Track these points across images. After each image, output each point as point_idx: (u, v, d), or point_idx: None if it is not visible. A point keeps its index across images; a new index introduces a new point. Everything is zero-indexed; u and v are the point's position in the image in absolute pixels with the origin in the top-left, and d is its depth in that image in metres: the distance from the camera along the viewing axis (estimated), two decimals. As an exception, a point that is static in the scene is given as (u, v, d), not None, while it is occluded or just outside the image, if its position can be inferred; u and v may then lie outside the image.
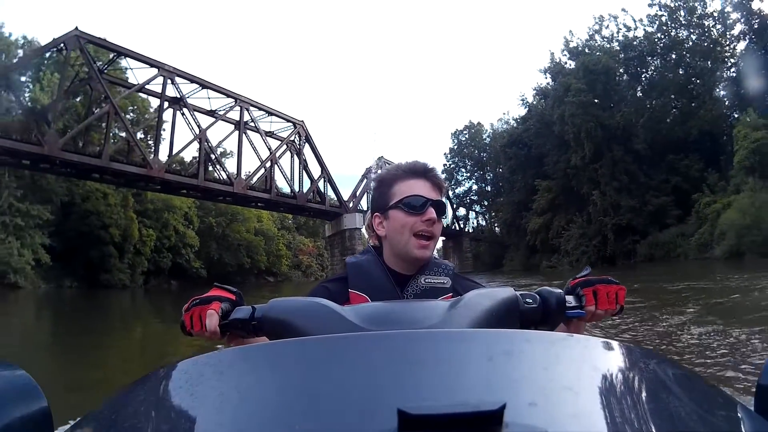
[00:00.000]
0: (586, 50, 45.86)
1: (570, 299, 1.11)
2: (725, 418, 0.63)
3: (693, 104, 41.09)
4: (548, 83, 50.73)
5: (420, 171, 1.31)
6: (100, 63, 36.21)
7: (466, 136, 75.28)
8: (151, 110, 44.04)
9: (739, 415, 0.62)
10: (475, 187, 74.08)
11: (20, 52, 39.06)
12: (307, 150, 46.47)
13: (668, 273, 20.21)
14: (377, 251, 1.35)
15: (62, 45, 33.19)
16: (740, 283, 13.16)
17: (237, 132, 41.58)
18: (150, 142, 41.46)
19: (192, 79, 38.04)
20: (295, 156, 45.61)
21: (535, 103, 53.36)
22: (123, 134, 39.79)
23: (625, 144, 39.23)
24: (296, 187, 45.04)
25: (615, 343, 0.70)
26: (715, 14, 42.33)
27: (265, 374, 0.63)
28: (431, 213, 1.27)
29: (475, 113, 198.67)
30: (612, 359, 0.68)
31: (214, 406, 0.58)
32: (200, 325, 1.07)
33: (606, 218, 39.39)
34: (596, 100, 40.11)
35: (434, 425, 0.44)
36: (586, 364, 0.65)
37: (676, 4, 43.68)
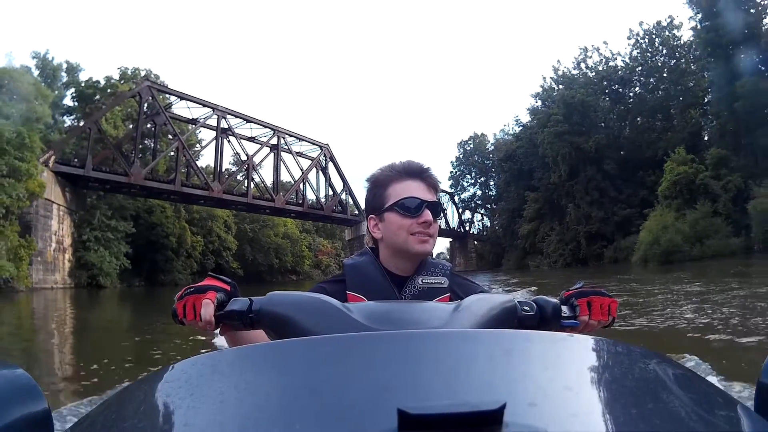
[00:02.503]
0: (574, 76, 53.08)
1: (564, 309, 1.13)
2: (725, 417, 0.62)
3: (663, 126, 47.55)
4: (539, 105, 57.31)
5: (415, 171, 1.28)
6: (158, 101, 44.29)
7: (471, 145, 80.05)
8: (192, 131, 52.34)
9: (739, 414, 0.61)
10: (479, 192, 79.02)
11: (64, 75, 45.78)
12: (331, 167, 54.69)
13: (612, 271, 28.04)
14: (374, 252, 1.32)
15: (138, 94, 41.50)
16: (634, 279, 20.01)
17: (272, 155, 49.88)
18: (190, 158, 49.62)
19: (238, 115, 46.24)
20: (321, 173, 53.77)
21: (528, 123, 60.15)
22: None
23: (597, 164, 46.57)
24: (323, 199, 53.20)
25: (615, 343, 0.71)
26: (686, 45, 47.97)
27: (265, 374, 0.64)
28: (427, 215, 1.24)
29: (480, 124, 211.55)
30: (612, 359, 0.69)
31: (214, 406, 0.58)
32: (194, 314, 1.05)
33: (579, 227, 47.05)
34: (574, 128, 47.13)
35: (434, 425, 0.44)
36: (586, 364, 0.66)
37: (653, 32, 49.88)
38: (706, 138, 43.41)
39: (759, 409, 0.74)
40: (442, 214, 1.35)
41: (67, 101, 46.08)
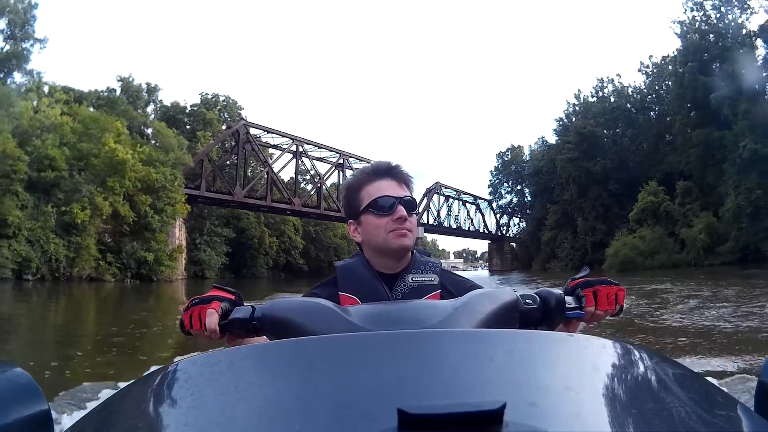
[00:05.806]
0: (592, 103, 61.82)
1: (569, 300, 1.11)
2: (725, 417, 0.62)
3: (668, 149, 54.10)
4: (564, 124, 65.74)
5: (384, 170, 1.31)
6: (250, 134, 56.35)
7: (509, 156, 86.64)
8: (277, 157, 64.49)
9: (739, 414, 0.62)
10: (515, 200, 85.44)
11: (145, 95, 56.97)
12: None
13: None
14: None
15: (236, 131, 53.71)
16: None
17: (337, 171, 61.50)
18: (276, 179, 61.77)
19: (309, 142, 57.94)
20: (376, 186, 64.94)
21: (552, 144, 68.74)
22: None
23: (603, 185, 55.21)
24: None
25: (615, 343, 0.71)
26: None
27: (265, 374, 0.63)
28: (401, 211, 1.26)
29: (518, 135, 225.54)
30: (612, 359, 0.69)
31: (214, 406, 0.58)
32: (200, 324, 1.07)
33: (586, 237, 55.94)
34: (585, 154, 55.82)
35: (434, 424, 0.44)
36: (586, 364, 0.65)
37: (662, 64, 56.82)
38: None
39: (759, 409, 0.76)
40: (416, 209, 1.34)
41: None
